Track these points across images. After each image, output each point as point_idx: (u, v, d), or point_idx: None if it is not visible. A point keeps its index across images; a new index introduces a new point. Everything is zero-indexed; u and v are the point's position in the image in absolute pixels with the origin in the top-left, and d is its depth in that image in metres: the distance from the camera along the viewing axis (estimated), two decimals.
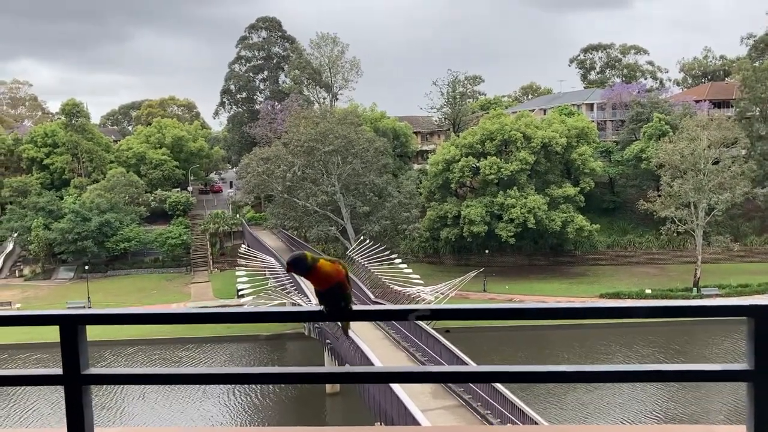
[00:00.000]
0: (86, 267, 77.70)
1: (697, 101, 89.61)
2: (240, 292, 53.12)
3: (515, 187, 71.72)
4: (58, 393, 40.82)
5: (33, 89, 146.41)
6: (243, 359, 53.56)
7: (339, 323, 2.91)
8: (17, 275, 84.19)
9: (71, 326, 2.55)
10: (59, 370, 2.57)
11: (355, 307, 2.64)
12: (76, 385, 2.54)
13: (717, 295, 62.59)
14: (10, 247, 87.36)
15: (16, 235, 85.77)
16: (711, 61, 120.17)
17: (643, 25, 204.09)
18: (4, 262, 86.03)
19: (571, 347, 52.22)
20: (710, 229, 68.44)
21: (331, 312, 2.60)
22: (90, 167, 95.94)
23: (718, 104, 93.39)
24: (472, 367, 3.51)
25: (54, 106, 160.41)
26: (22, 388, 36.87)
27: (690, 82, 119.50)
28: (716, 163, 66.67)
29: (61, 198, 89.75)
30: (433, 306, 2.69)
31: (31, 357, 53.48)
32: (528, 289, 67.57)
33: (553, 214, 70.72)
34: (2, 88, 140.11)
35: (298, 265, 2.53)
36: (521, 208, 69.70)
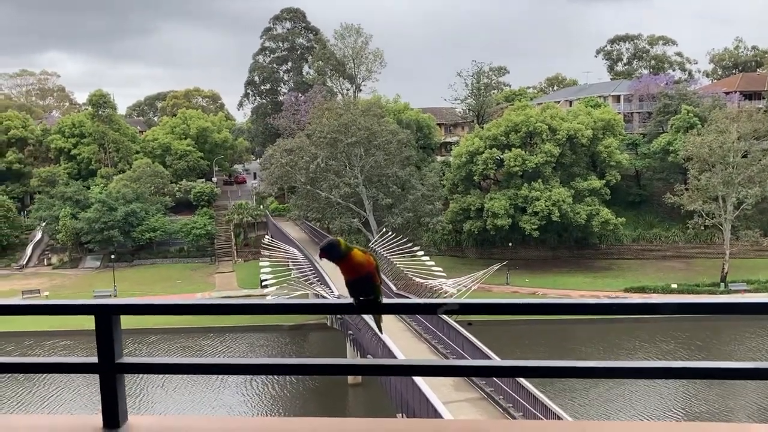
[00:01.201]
0: (112, 256, 78.88)
1: (727, 93, 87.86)
2: (263, 283, 53.51)
3: (540, 180, 71.10)
4: (79, 380, 41.55)
5: (61, 80, 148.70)
6: (265, 349, 53.97)
7: (372, 319, 2.92)
8: (45, 264, 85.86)
9: (106, 316, 2.61)
10: (94, 359, 2.63)
11: (384, 301, 2.65)
12: (110, 374, 2.60)
13: (745, 291, 61.56)
14: (38, 236, 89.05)
15: (44, 224, 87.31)
16: (742, 52, 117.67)
17: (672, 15, 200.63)
18: (33, 250, 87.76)
19: (593, 341, 51.82)
20: (739, 223, 67.21)
21: (361, 305, 2.62)
22: (116, 157, 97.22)
23: (749, 96, 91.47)
24: (496, 361, 3.51)
25: (81, 97, 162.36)
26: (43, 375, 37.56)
27: (720, 73, 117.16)
28: (746, 155, 65.43)
29: (88, 188, 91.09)
30: (461, 300, 2.69)
31: (58, 344, 54.46)
32: (551, 282, 67.07)
33: (578, 207, 70.02)
34: (31, 79, 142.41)
35: (331, 252, 2.53)
36: (546, 200, 69.10)
